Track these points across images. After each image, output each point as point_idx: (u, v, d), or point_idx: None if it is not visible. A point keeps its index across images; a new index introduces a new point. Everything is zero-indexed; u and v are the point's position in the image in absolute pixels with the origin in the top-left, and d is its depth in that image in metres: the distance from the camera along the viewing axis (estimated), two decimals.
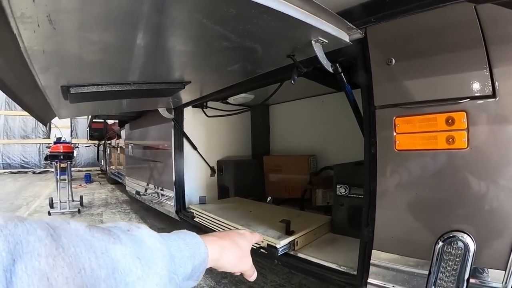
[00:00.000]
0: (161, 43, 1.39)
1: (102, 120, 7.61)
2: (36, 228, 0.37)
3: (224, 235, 0.80)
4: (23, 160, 13.27)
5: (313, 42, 1.39)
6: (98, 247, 0.42)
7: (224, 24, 1.19)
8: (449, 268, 1.18)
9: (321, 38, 1.37)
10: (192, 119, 3.45)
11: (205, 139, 3.64)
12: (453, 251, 1.17)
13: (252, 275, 0.86)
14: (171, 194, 3.47)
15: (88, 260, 0.39)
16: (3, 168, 12.87)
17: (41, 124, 13.11)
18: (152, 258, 0.49)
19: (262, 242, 2.03)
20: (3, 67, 1.59)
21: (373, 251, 1.41)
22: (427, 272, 1.24)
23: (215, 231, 2.59)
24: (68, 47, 1.29)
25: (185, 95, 2.71)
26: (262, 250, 2.02)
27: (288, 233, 2.05)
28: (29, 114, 3.14)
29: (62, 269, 0.36)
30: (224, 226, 2.50)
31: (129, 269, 0.44)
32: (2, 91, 1.91)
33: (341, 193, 2.23)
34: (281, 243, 1.94)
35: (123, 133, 6.09)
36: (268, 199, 3.03)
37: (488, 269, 1.13)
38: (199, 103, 3.23)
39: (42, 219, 0.40)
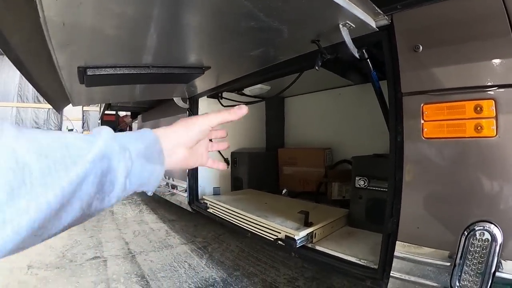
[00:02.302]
0: (184, 20, 1.35)
1: (114, 112, 7.64)
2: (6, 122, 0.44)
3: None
4: None
5: (340, 26, 1.37)
6: (54, 134, 0.49)
7: (255, 0, 1.15)
8: (474, 261, 1.15)
9: (349, 22, 1.35)
10: (207, 110, 3.41)
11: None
12: (479, 243, 1.14)
13: (223, 117, 0.86)
14: (184, 185, 3.47)
15: (45, 139, 0.46)
16: None
17: (53, 116, 13.27)
18: (96, 137, 0.55)
19: (280, 233, 1.99)
20: (20, 40, 1.57)
21: (397, 242, 1.38)
22: (452, 265, 1.21)
23: (230, 222, 2.59)
24: (90, 19, 1.25)
25: (201, 84, 2.69)
26: (280, 242, 1.99)
27: (307, 224, 2.02)
28: (47, 104, 3.15)
29: (24, 142, 0.43)
30: (240, 217, 2.48)
31: (79, 146, 0.50)
32: (19, 71, 1.91)
33: (359, 185, 2.19)
34: (300, 235, 1.90)
35: (135, 125, 6.10)
36: (284, 191, 3.00)
37: None
38: (214, 93, 3.21)
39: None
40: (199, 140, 0.82)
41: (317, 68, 1.62)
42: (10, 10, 1.22)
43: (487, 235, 1.12)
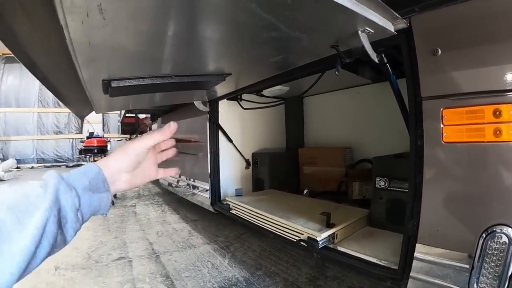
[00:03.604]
0: (207, 33, 1.39)
1: (134, 115, 7.74)
2: None
3: None
4: (56, 155, 13.60)
5: (359, 32, 1.38)
6: (16, 187, 0.60)
7: (276, 13, 1.18)
8: (492, 264, 1.16)
9: (367, 28, 1.36)
10: (227, 112, 3.48)
11: (239, 131, 3.65)
12: (497, 246, 1.15)
13: (154, 138, 0.93)
14: (206, 186, 3.51)
15: (9, 193, 0.59)
16: (37, 163, 13.22)
17: (73, 120, 13.47)
18: (47, 184, 0.65)
19: (302, 234, 2.02)
20: (45, 60, 1.62)
21: (417, 244, 1.39)
22: (470, 267, 1.22)
23: (253, 223, 2.62)
24: (114, 39, 1.30)
25: (221, 88, 2.72)
26: (302, 242, 2.02)
27: (329, 225, 2.04)
28: (67, 108, 3.22)
29: None
30: (263, 218, 2.51)
31: (37, 194, 0.61)
32: (43, 84, 1.96)
33: (380, 186, 2.20)
34: (322, 236, 1.93)
35: (154, 126, 6.17)
36: (305, 191, 3.02)
37: None
38: (234, 96, 3.24)
39: None
40: (138, 162, 0.89)
41: (337, 73, 1.63)
42: (36, 33, 1.27)
43: (504, 238, 1.13)
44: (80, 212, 0.69)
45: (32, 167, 12.88)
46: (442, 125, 1.31)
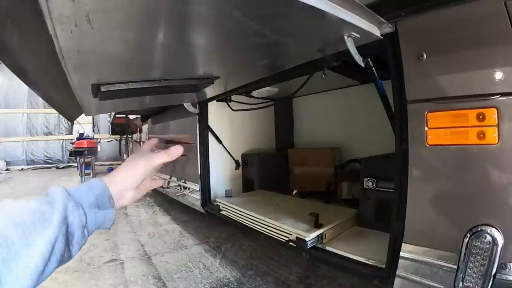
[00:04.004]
0: (193, 40, 1.41)
1: (124, 116, 7.71)
2: None
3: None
4: (46, 156, 13.51)
5: (345, 37, 1.39)
6: (21, 203, 0.60)
7: (260, 21, 1.20)
8: (477, 263, 1.18)
9: (353, 33, 1.37)
10: (216, 113, 3.49)
11: (229, 132, 3.67)
12: (481, 245, 1.17)
13: (162, 158, 0.95)
14: (196, 187, 3.51)
15: (14, 209, 0.58)
16: (27, 164, 13.12)
17: (63, 121, 13.39)
18: (55, 200, 0.66)
19: (291, 234, 2.04)
20: (35, 67, 1.63)
21: (403, 244, 1.42)
22: (455, 266, 1.24)
23: (243, 224, 2.64)
24: (103, 46, 1.31)
25: (211, 90, 2.73)
26: (291, 243, 2.05)
27: (317, 226, 2.06)
28: (57, 112, 3.22)
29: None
30: (252, 219, 2.53)
31: (43, 210, 0.62)
32: (33, 90, 1.96)
33: (368, 186, 2.23)
34: (310, 236, 1.95)
35: (145, 127, 6.16)
36: (294, 192, 3.04)
37: None
38: (224, 97, 3.25)
39: None
40: (143, 180, 0.91)
41: (323, 76, 1.66)
42: (26, 42, 1.28)
43: (488, 238, 1.15)
44: (86, 228, 0.71)
45: (22, 169, 12.79)
46: (426, 128, 1.33)
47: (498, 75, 1.15)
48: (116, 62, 1.56)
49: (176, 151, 0.97)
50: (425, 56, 1.33)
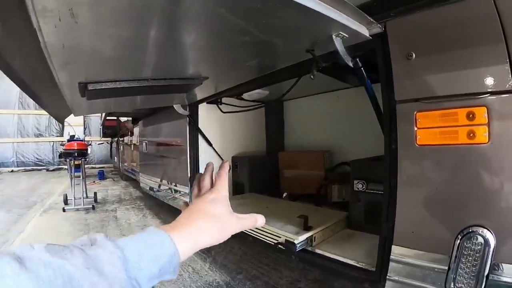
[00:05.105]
0: (180, 37, 1.38)
1: (115, 118, 7.69)
2: (5, 255, 0.45)
3: (193, 211, 0.74)
4: (37, 158, 13.44)
5: (333, 36, 1.38)
6: (55, 263, 0.47)
7: (247, 18, 1.18)
8: (468, 264, 1.17)
9: (341, 33, 1.37)
10: (206, 115, 3.48)
11: (220, 135, 3.66)
12: (473, 246, 1.17)
13: (251, 225, 0.84)
14: (186, 190, 3.49)
15: (46, 274, 0.45)
16: (18, 166, 13.05)
17: (54, 122, 13.31)
18: (103, 267, 0.52)
19: (280, 237, 2.03)
20: (21, 63, 1.60)
21: (393, 246, 1.41)
22: (446, 268, 1.23)
23: None
24: (88, 42, 1.29)
25: (200, 91, 2.72)
26: (280, 245, 2.03)
27: (306, 228, 2.05)
28: (46, 112, 3.18)
29: (25, 282, 0.43)
30: None
31: (83, 278, 0.48)
32: (20, 88, 1.92)
33: (358, 188, 2.22)
34: (299, 239, 1.93)
35: (136, 130, 6.14)
36: (284, 195, 3.03)
37: (509, 265, 1.12)
38: (214, 99, 3.25)
39: (10, 250, 0.48)
40: None
41: (312, 77, 1.64)
42: (11, 36, 1.25)
43: (480, 239, 1.14)
44: None
45: (12, 171, 12.71)
46: (415, 128, 1.33)
47: (488, 73, 1.15)
48: (102, 60, 1.53)
49: (225, 170, 0.84)
50: (414, 55, 1.33)
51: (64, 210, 5.19)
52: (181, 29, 1.29)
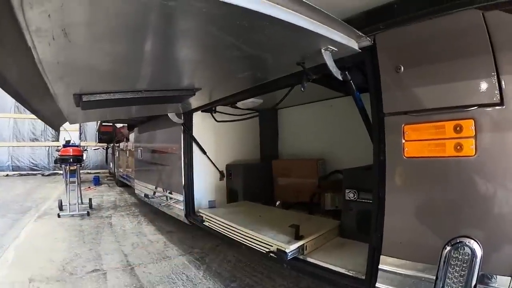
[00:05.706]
0: (173, 53, 1.42)
1: (111, 124, 7.67)
2: None
3: None
4: (32, 163, 13.36)
5: (322, 50, 1.41)
6: None
7: (236, 35, 1.21)
8: (456, 274, 1.19)
9: (330, 47, 1.39)
10: (201, 124, 3.50)
11: (214, 143, 3.68)
12: (460, 257, 1.18)
13: None
14: (180, 197, 3.50)
15: None
16: (13, 170, 12.97)
17: (50, 127, 13.23)
18: None
19: (272, 246, 2.05)
20: (17, 77, 1.62)
21: (381, 256, 1.43)
22: (434, 277, 1.25)
23: (225, 235, 2.62)
24: (82, 58, 1.33)
25: (195, 101, 2.74)
26: (271, 254, 2.04)
27: (298, 238, 2.06)
28: (41, 120, 3.18)
29: None
30: (234, 231, 2.52)
31: None
32: (16, 100, 1.94)
33: (350, 198, 2.24)
34: (291, 248, 1.95)
35: (131, 136, 6.14)
36: (277, 203, 3.04)
37: (496, 276, 1.14)
38: (208, 108, 3.26)
39: None
40: None
41: (302, 89, 1.66)
42: (5, 51, 1.27)
43: (467, 250, 1.17)
44: None
45: (7, 175, 12.64)
46: (403, 141, 1.35)
47: (475, 86, 1.17)
48: (97, 73, 1.57)
49: None
50: (402, 68, 1.35)
51: (59, 216, 5.17)
52: (174, 44, 1.33)
